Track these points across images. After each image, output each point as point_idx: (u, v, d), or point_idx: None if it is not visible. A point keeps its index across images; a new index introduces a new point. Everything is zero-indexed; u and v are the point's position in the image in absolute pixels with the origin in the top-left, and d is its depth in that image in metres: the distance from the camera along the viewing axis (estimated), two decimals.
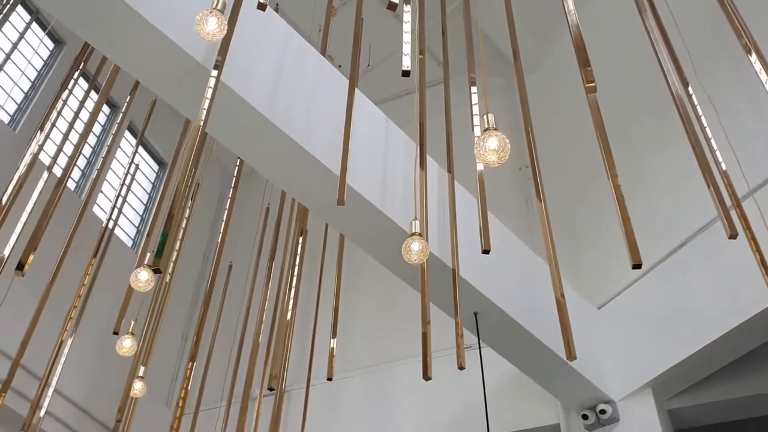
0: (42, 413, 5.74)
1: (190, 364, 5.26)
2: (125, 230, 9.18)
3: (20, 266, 3.75)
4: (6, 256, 5.11)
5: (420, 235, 3.71)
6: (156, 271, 3.12)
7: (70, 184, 7.96)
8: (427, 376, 3.87)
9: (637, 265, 2.92)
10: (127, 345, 4.98)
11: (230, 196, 6.22)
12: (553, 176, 7.15)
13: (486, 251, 3.64)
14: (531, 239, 7.06)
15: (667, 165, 6.72)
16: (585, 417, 6.28)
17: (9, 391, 5.28)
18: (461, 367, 4.06)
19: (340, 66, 5.33)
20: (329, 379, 5.53)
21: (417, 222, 3.78)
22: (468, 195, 5.47)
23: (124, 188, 6.76)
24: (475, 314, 5.42)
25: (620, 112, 7.16)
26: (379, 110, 5.35)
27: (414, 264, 3.79)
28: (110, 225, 6.54)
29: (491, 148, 3.13)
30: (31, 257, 3.84)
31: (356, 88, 4.52)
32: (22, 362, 5.39)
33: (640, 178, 6.82)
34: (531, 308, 5.70)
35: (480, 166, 4.03)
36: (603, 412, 6.19)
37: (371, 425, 7.45)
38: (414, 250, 3.67)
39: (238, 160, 6.61)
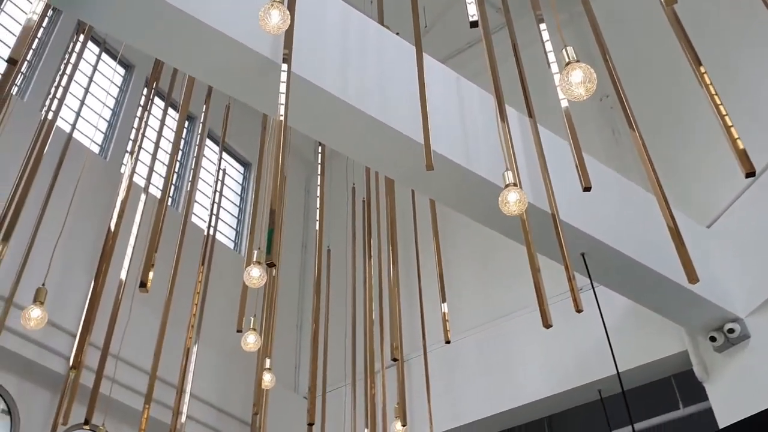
0: (183, 419, 6.08)
1: (315, 349, 5.41)
2: (224, 233, 9.50)
3: (143, 284, 3.96)
4: (125, 278, 5.42)
5: (515, 184, 3.67)
6: (270, 265, 3.23)
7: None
8: (547, 324, 3.84)
9: (750, 173, 2.80)
10: (251, 341, 5.19)
11: (319, 183, 6.31)
12: (635, 103, 6.88)
13: (587, 188, 3.56)
14: (624, 170, 6.85)
15: (759, 61, 6.34)
16: (713, 339, 6.10)
17: (152, 402, 5.60)
18: (579, 310, 4.01)
19: (398, 33, 5.29)
20: (447, 342, 5.58)
21: (509, 173, 3.74)
22: (553, 136, 5.36)
23: (217, 195, 6.98)
24: (583, 255, 5.33)
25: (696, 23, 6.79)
26: (449, 69, 5.29)
27: (513, 215, 3.76)
28: (211, 231, 6.80)
29: (577, 81, 3.05)
30: (151, 273, 4.05)
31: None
32: (158, 374, 5.72)
33: (731, 83, 6.47)
34: (639, 239, 5.55)
35: (564, 103, 3.93)
36: (731, 331, 5.99)
37: (494, 381, 7.48)
38: (512, 201, 3.63)
39: (320, 147, 6.70)
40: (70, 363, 5.46)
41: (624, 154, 7.67)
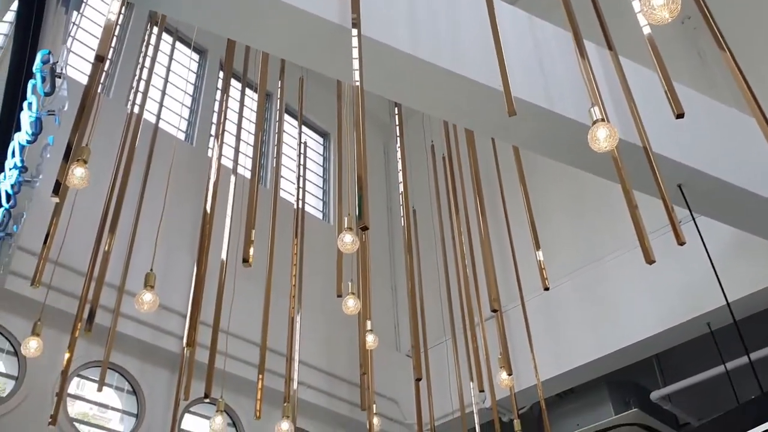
0: (295, 385, 6.32)
1: (414, 306, 5.48)
2: (312, 204, 9.69)
3: (245, 260, 4.11)
4: (226, 257, 5.63)
5: (603, 120, 3.55)
6: (363, 228, 3.28)
7: None
8: (649, 260, 3.74)
9: None
10: (351, 304, 5.31)
11: (398, 144, 6.31)
12: (720, 22, 6.50)
13: (680, 115, 3.40)
14: (714, 93, 6.51)
15: None
16: None
17: (264, 372, 5.83)
18: (681, 243, 3.87)
19: None
20: (546, 289, 5.53)
21: (595, 108, 3.62)
22: (636, 66, 5.13)
23: (301, 168, 7.11)
24: (680, 186, 5.13)
25: None
26: (519, 10, 5.14)
27: (604, 152, 3.65)
28: (299, 204, 6.95)
29: (659, 3, 2.90)
30: (251, 249, 4.19)
31: None
32: (267, 345, 5.94)
33: None
34: (738, 163, 5.29)
35: (647, 29, 3.75)
36: None
37: (597, 324, 7.38)
38: (601, 137, 3.52)
39: (396, 107, 6.68)
40: (184, 341, 5.75)
41: (712, 76, 7.29)
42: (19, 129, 3.82)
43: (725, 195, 5.28)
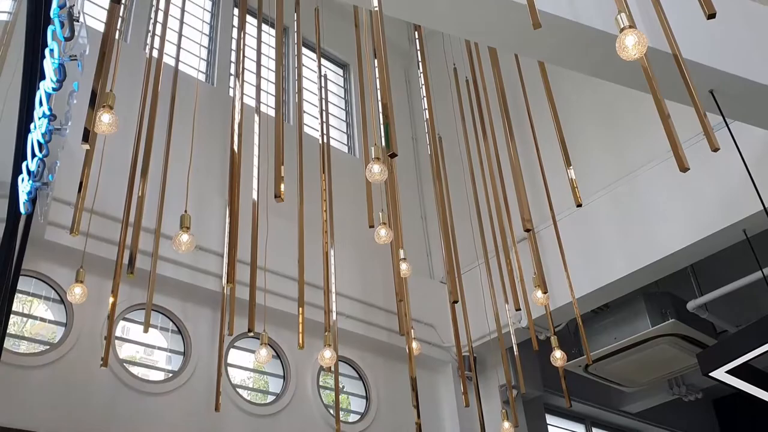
0: (334, 316, 6.45)
1: (446, 230, 5.50)
2: (336, 138, 9.66)
3: (277, 195, 4.15)
4: (257, 194, 5.68)
5: (631, 27, 3.44)
6: (392, 155, 3.27)
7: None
8: (683, 168, 3.68)
9: None
10: (383, 234, 5.34)
11: (421, 71, 6.21)
12: None
13: (712, 15, 3.28)
14: None
15: None
16: None
17: (305, 305, 5.96)
18: (715, 149, 3.80)
19: None
20: (579, 206, 5.49)
21: (622, 15, 3.50)
22: None
23: (323, 102, 7.05)
24: (711, 92, 5.00)
25: None
26: None
27: (633, 59, 3.55)
28: (324, 139, 6.93)
29: None
30: (282, 185, 4.22)
31: None
32: (305, 279, 6.04)
33: None
34: None
35: None
36: None
37: (631, 238, 7.35)
38: (630, 44, 3.42)
39: (416, 32, 6.55)
40: (224, 279, 5.89)
41: None
42: (43, 77, 3.84)
43: (759, 98, 5.13)
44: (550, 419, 10.44)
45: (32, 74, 3.84)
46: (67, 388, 5.81)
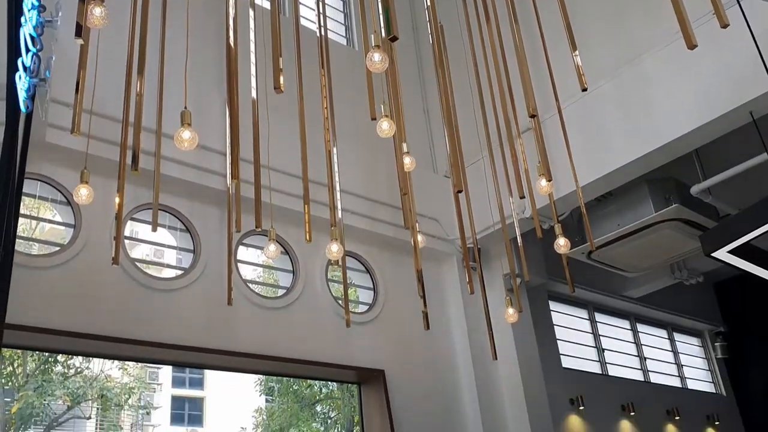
0: (340, 213, 6.50)
1: (449, 118, 5.44)
2: (334, 30, 9.42)
3: (276, 87, 4.08)
4: (256, 90, 5.60)
5: None
6: (393, 39, 3.19)
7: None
8: (690, 45, 3.59)
9: None
10: (385, 127, 5.28)
11: None
12: None
13: None
14: None
15: None
16: None
17: (311, 203, 5.98)
18: (724, 25, 3.70)
19: None
20: (584, 90, 5.39)
21: None
22: None
23: None
24: None
25: None
26: None
27: None
28: (323, 32, 6.74)
29: None
30: (282, 78, 4.14)
31: None
32: (309, 176, 6.05)
33: None
34: None
35: None
36: None
37: (636, 124, 7.27)
38: None
39: None
40: (228, 177, 5.90)
41: None
42: None
43: None
44: (553, 305, 10.75)
45: None
46: (80, 287, 5.95)
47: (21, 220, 5.31)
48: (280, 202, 6.95)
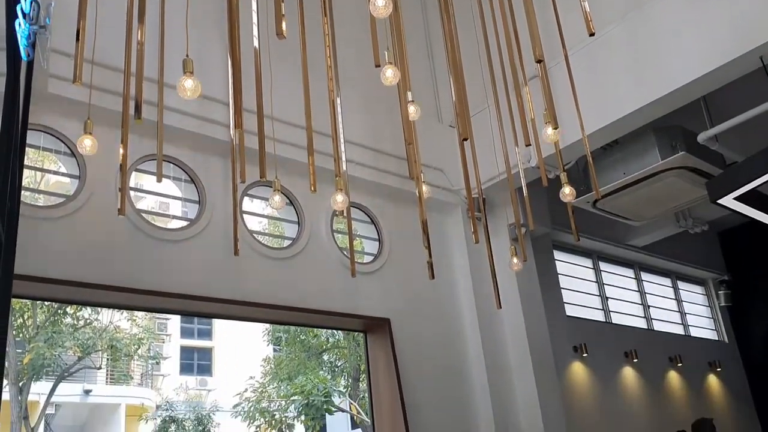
0: (344, 165, 6.47)
1: (455, 66, 5.38)
2: None
3: (278, 33, 4.02)
4: (258, 37, 5.51)
5: None
6: None
7: None
8: None
9: None
10: (390, 74, 5.22)
11: None
12: None
13: None
14: None
15: None
16: None
17: (315, 153, 5.94)
18: None
19: None
20: (591, 35, 5.30)
21: None
22: None
23: None
24: None
25: None
26: None
27: None
28: None
29: None
30: (283, 22, 4.08)
31: None
32: (313, 126, 6.00)
33: None
34: None
35: None
36: None
37: (643, 71, 7.17)
38: None
39: None
40: (231, 127, 5.87)
41: None
42: None
43: None
44: (557, 255, 10.80)
45: None
46: (87, 238, 5.99)
47: (26, 173, 5.30)
48: (284, 152, 6.93)
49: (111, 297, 6.16)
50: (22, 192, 4.82)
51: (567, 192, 6.45)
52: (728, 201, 5.23)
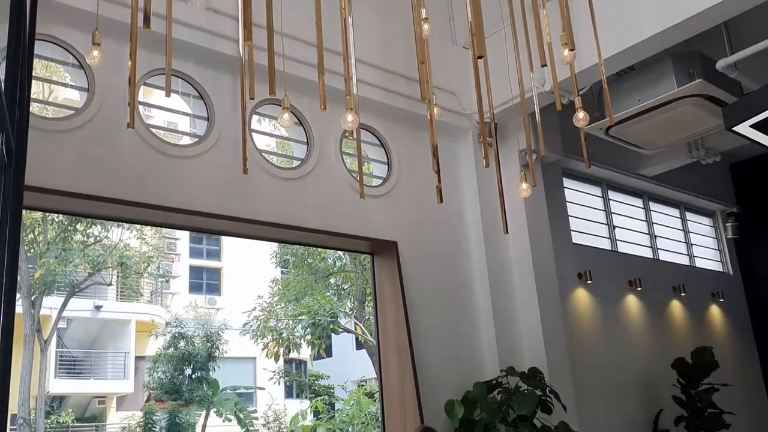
0: (355, 87, 6.35)
1: None
2: None
3: None
4: None
5: None
6: None
7: None
8: None
9: None
10: None
11: None
12: None
13: None
14: None
15: None
16: None
17: (326, 73, 5.82)
18: None
19: None
20: None
21: None
22: None
23: None
24: None
25: None
26: None
27: None
28: None
29: None
30: None
31: None
32: (324, 45, 5.88)
33: None
34: None
35: None
36: None
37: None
38: None
39: None
40: (240, 41, 5.75)
41: None
42: None
43: None
44: (567, 182, 10.76)
45: None
46: (96, 151, 5.98)
47: (35, 86, 5.26)
48: (293, 70, 6.82)
49: (119, 210, 6.20)
50: (31, 104, 4.78)
51: (581, 117, 6.34)
52: (744, 128, 5.15)
